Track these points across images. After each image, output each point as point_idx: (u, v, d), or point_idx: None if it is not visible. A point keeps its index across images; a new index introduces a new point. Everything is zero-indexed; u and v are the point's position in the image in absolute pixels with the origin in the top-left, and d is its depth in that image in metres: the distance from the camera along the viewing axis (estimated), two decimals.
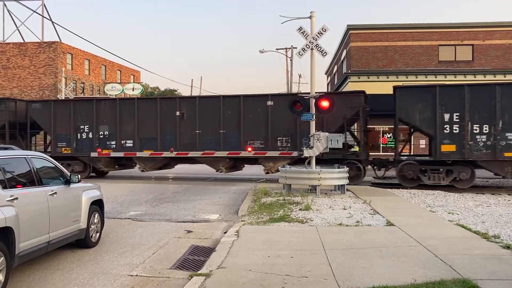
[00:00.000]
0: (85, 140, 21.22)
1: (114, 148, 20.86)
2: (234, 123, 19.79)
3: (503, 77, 30.64)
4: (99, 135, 21.07)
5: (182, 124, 20.16)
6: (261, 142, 19.53)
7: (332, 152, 17.18)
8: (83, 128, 21.28)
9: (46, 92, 46.46)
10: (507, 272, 6.12)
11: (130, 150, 20.73)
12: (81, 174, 20.45)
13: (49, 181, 7.05)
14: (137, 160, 20.86)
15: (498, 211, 11.60)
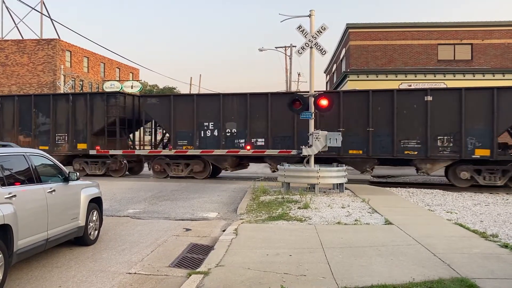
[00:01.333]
0: (209, 138, 19.85)
1: (243, 147, 19.49)
2: (385, 120, 17.91)
3: (502, 76, 30.68)
4: (226, 133, 19.74)
5: (322, 121, 18.23)
6: (416, 141, 17.60)
7: None
8: (207, 125, 19.95)
9: (45, 90, 46.35)
10: (506, 271, 6.13)
11: (260, 149, 19.32)
12: (200, 174, 20.24)
13: (47, 178, 7.04)
14: (268, 159, 19.41)
15: (497, 210, 11.62)
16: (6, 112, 22.24)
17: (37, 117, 21.89)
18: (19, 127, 21.99)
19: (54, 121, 21.61)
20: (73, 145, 21.36)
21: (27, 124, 21.92)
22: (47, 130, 21.69)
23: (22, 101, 22.23)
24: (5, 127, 22.13)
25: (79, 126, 21.41)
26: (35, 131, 21.80)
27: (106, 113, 21.15)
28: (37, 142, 21.55)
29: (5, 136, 21.79)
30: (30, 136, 21.76)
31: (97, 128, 21.27)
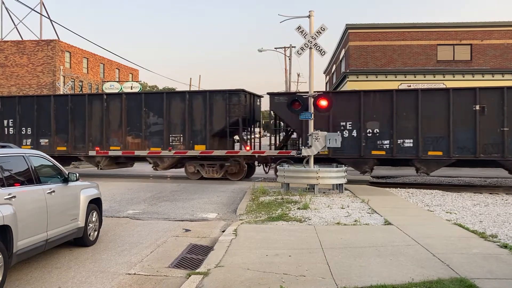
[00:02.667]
0: (347, 139, 18.07)
1: (388, 149, 17.83)
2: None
3: (501, 77, 30.70)
4: (367, 133, 18.06)
5: (482, 120, 16.89)
6: None
7: None
8: (344, 125, 18.30)
9: (44, 91, 46.33)
10: (505, 271, 6.14)
11: (407, 151, 17.62)
12: None
13: (47, 179, 7.04)
14: (419, 163, 17.69)
15: (496, 211, 11.63)
16: (112, 111, 21.01)
17: (147, 117, 20.60)
18: (127, 128, 20.75)
19: (168, 121, 20.32)
20: (190, 146, 20.01)
21: (136, 124, 20.70)
22: (159, 131, 20.43)
23: (130, 99, 20.97)
24: (111, 127, 20.98)
25: (197, 126, 20.04)
26: (145, 131, 20.58)
27: (228, 113, 19.75)
28: (148, 143, 20.49)
29: (111, 137, 20.90)
30: (140, 137, 20.60)
31: (217, 129, 19.94)
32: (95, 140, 21.10)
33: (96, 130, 21.16)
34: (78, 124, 21.35)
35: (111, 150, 20.79)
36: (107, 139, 20.96)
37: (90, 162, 21.55)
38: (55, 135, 21.56)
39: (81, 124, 21.29)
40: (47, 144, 21.58)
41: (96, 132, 21.14)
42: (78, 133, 21.32)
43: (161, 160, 20.43)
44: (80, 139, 21.28)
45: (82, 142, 21.23)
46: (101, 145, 20.89)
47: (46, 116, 21.73)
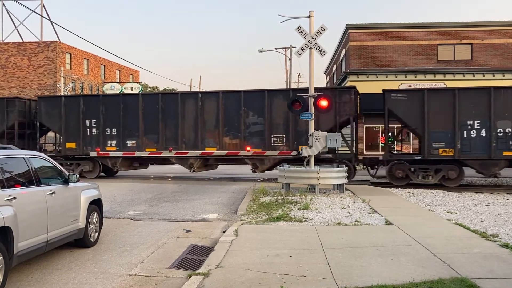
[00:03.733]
0: (474, 139, 17.01)
1: None
2: None
3: (502, 76, 30.69)
4: (497, 133, 16.80)
5: None
6: None
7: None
8: (472, 124, 17.01)
9: (45, 92, 46.42)
10: (506, 270, 6.13)
11: None
12: (452, 182, 17.35)
13: (47, 180, 7.05)
14: None
15: (497, 210, 11.62)
16: (208, 110, 20.01)
17: (247, 116, 19.56)
18: (224, 128, 19.77)
19: (269, 121, 19.30)
20: (293, 147, 18.98)
21: (234, 124, 19.69)
22: (260, 131, 19.44)
23: (228, 98, 19.87)
24: (206, 126, 19.98)
25: (301, 126, 18.79)
26: (244, 132, 19.56)
27: (338, 112, 18.69)
28: (247, 144, 19.49)
29: (206, 137, 19.95)
30: (238, 137, 19.54)
31: (325, 128, 18.60)
32: (188, 141, 20.06)
33: (189, 130, 20.13)
34: (170, 124, 20.31)
35: (207, 151, 19.88)
36: (202, 140, 19.89)
37: (182, 164, 20.54)
38: (144, 136, 20.57)
39: (173, 124, 20.25)
40: (135, 145, 20.63)
41: (190, 132, 20.11)
42: (170, 133, 20.30)
43: (262, 162, 19.54)
44: (172, 140, 20.22)
45: (174, 143, 20.17)
46: (195, 146, 19.88)
47: (134, 116, 20.69)
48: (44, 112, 21.98)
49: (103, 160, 21.20)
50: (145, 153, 20.47)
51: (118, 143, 20.87)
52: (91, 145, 21.17)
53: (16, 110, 21.93)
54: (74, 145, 21.35)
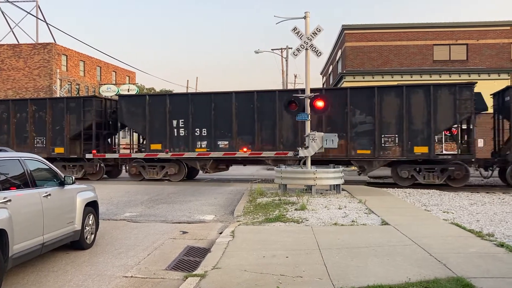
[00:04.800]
0: None
1: None
2: None
3: (497, 76, 30.79)
4: None
5: None
6: None
7: None
8: None
9: (41, 94, 46.29)
10: (501, 270, 6.15)
11: None
12: None
13: (43, 182, 7.02)
14: None
15: (493, 210, 11.66)
16: None
17: (353, 115, 18.34)
18: (327, 127, 18.58)
19: (379, 120, 17.99)
20: (407, 148, 17.74)
21: (338, 123, 18.54)
22: (368, 131, 18.15)
23: (332, 95, 18.65)
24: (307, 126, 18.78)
25: (417, 125, 17.67)
26: (350, 132, 18.29)
27: (458, 109, 17.34)
28: (354, 145, 18.22)
29: None
30: (343, 138, 18.14)
31: (443, 127, 17.83)
32: (286, 141, 18.96)
33: (288, 130, 19.00)
34: (266, 124, 19.27)
35: None
36: (302, 141, 18.14)
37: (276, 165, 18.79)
38: (237, 137, 19.49)
39: (270, 125, 19.21)
40: (227, 146, 19.54)
41: (288, 132, 18.99)
42: (266, 134, 19.26)
43: (370, 164, 18.25)
44: (269, 141, 19.17)
45: (271, 143, 19.15)
46: (293, 147, 18.48)
47: (226, 115, 19.57)
48: (126, 112, 20.86)
49: (192, 162, 20.14)
50: (241, 154, 19.20)
51: (208, 144, 19.79)
52: (178, 146, 20.10)
53: (93, 110, 21.05)
54: (159, 146, 20.27)
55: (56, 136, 21.46)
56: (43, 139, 21.56)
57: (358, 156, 18.16)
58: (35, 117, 21.74)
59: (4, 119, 22.05)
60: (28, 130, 21.72)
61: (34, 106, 21.78)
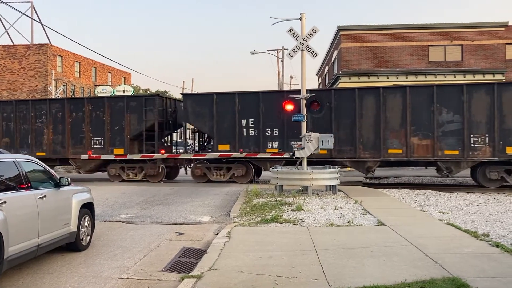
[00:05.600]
0: None
1: None
2: None
3: (492, 77, 30.94)
4: None
5: None
6: None
7: None
8: None
9: (36, 95, 46.11)
10: (497, 269, 6.17)
11: None
12: None
13: (38, 184, 7.00)
14: None
15: (488, 210, 11.70)
16: (390, 107, 17.79)
17: (439, 113, 17.33)
18: (412, 127, 17.52)
19: (468, 119, 17.15)
20: (499, 148, 16.92)
21: (424, 123, 17.46)
22: (455, 130, 17.25)
23: (416, 93, 17.71)
24: (388, 126, 17.78)
25: (509, 124, 16.90)
26: (437, 131, 17.31)
27: None
28: (440, 145, 17.35)
29: (389, 138, 17.75)
30: (429, 137, 17.37)
31: None
32: (367, 142, 18.01)
33: (368, 130, 18.03)
34: (343, 124, 18.29)
35: (390, 153, 17.80)
36: (384, 141, 17.77)
37: (357, 167, 18.57)
38: None
39: (347, 124, 18.22)
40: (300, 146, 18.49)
41: (369, 132, 18.01)
42: (344, 134, 18.27)
43: (457, 165, 17.50)
44: (346, 142, 18.21)
45: (349, 144, 18.18)
46: (374, 148, 17.83)
47: None
48: (191, 111, 19.98)
49: (262, 163, 19.31)
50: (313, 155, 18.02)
51: (280, 144, 18.89)
52: (247, 146, 19.28)
53: (156, 109, 20.28)
54: (228, 147, 19.48)
55: (115, 136, 20.68)
56: (100, 139, 20.82)
57: (445, 157, 17.38)
58: (92, 116, 20.94)
59: (59, 118, 21.27)
60: (84, 130, 20.95)
61: (91, 105, 21.00)
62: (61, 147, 21.23)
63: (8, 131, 21.87)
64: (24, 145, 21.56)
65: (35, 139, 21.51)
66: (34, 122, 21.55)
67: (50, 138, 21.37)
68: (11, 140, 21.70)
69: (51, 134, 21.37)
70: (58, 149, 21.24)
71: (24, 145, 21.54)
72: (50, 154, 21.25)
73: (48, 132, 21.40)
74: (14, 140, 21.68)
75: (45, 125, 21.44)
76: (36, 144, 21.46)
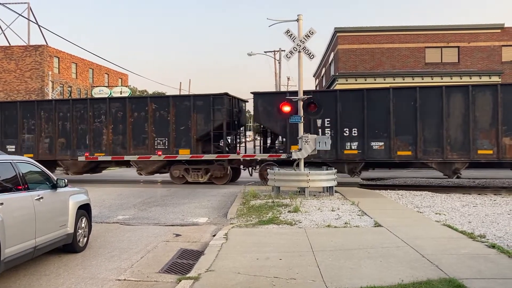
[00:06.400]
0: None
1: None
2: None
3: (489, 79, 31.05)
4: None
5: None
6: None
7: None
8: None
9: (33, 96, 46.01)
10: (493, 271, 6.20)
11: None
12: None
13: (35, 185, 6.99)
14: None
15: (484, 211, 11.74)
16: (480, 106, 16.99)
17: None
18: (503, 126, 16.77)
19: None
20: None
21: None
22: None
23: (508, 91, 16.94)
24: (478, 126, 16.98)
25: None
26: None
27: None
28: None
29: (479, 138, 16.98)
30: None
31: None
32: (454, 142, 17.17)
33: (455, 129, 17.19)
34: (428, 124, 17.39)
35: (480, 154, 16.97)
36: (473, 141, 17.00)
37: (443, 169, 17.62)
38: (395, 137, 17.57)
39: (433, 123, 17.35)
40: (382, 148, 17.70)
41: (456, 132, 17.16)
42: (429, 134, 17.40)
43: None
44: (432, 142, 17.32)
45: (435, 145, 17.31)
46: (463, 149, 17.07)
47: (378, 113, 17.76)
48: (262, 111, 19.09)
49: (338, 165, 17.99)
50: (396, 157, 17.60)
51: (359, 145, 17.94)
52: None
53: (224, 108, 19.51)
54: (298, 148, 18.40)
55: (180, 136, 19.84)
56: (165, 140, 19.97)
57: None
58: (156, 116, 20.10)
59: (119, 118, 20.44)
60: (147, 130, 20.10)
61: (154, 105, 20.18)
62: (121, 148, 20.35)
63: (64, 131, 21.00)
64: (81, 145, 20.70)
65: (93, 139, 20.64)
66: (92, 122, 20.69)
67: (110, 138, 20.51)
68: (67, 141, 20.88)
69: (111, 134, 20.53)
70: (118, 150, 20.35)
71: (81, 146, 20.69)
72: (110, 155, 20.35)
73: (107, 132, 20.56)
74: (70, 140, 20.82)
75: (104, 125, 20.60)
76: (94, 144, 20.58)
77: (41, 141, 21.17)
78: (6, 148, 21.23)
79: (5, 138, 21.54)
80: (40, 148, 21.15)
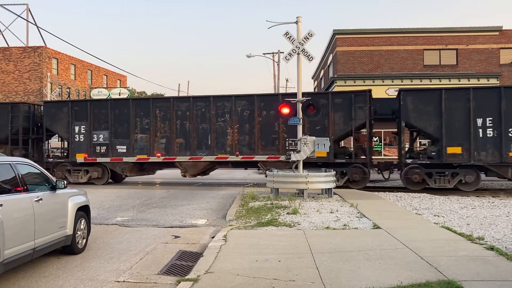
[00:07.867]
0: None
1: None
2: None
3: (487, 81, 31.15)
4: None
5: None
6: None
7: None
8: None
9: (31, 97, 45.98)
10: (491, 272, 6.21)
11: None
12: None
13: (34, 187, 6.98)
14: None
15: (483, 213, 11.76)
16: None
17: None
18: None
19: None
20: None
21: None
22: None
23: None
24: None
25: None
26: None
27: None
28: None
29: None
30: None
31: None
32: None
33: None
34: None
35: None
36: None
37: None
38: None
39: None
40: None
41: None
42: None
43: None
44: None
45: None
46: None
47: None
48: (412, 109, 17.86)
49: (501, 169, 17.02)
50: None
51: None
52: (484, 149, 17.06)
53: (366, 107, 18.48)
54: (459, 150, 17.22)
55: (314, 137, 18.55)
56: (297, 141, 18.93)
57: None
58: None
59: (246, 117, 19.49)
60: (277, 130, 19.12)
61: None
62: (248, 148, 19.37)
63: (183, 131, 20.11)
64: (202, 146, 19.77)
65: (216, 140, 19.75)
66: (215, 121, 19.79)
67: (235, 139, 19.57)
68: (186, 141, 19.95)
69: (236, 134, 19.59)
70: (244, 151, 19.35)
71: (202, 146, 19.77)
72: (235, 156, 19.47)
73: (232, 132, 19.64)
74: (189, 140, 19.91)
75: (229, 124, 19.73)
76: (217, 145, 19.64)
77: (157, 141, 20.22)
78: (116, 149, 20.38)
79: (115, 138, 20.68)
80: (154, 148, 20.04)
